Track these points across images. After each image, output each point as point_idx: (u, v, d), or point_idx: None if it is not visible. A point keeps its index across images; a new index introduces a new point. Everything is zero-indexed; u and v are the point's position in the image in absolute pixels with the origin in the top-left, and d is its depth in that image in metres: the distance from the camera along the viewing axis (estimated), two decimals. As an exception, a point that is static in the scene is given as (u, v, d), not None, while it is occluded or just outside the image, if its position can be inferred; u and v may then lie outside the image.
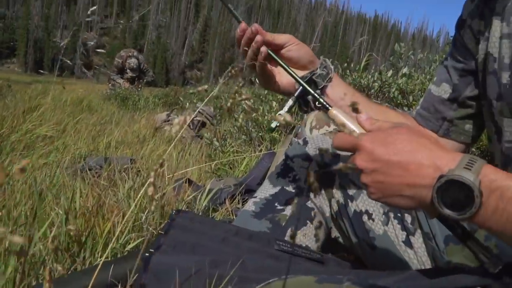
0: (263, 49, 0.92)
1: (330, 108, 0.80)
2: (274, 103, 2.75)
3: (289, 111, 0.96)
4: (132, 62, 9.59)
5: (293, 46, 0.97)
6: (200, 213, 1.41)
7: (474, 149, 1.91)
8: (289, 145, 1.71)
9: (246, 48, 0.94)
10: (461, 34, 1.00)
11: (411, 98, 2.32)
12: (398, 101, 2.39)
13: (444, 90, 1.04)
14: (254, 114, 2.55)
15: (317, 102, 0.88)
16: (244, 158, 2.41)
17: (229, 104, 0.68)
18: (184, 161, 2.49)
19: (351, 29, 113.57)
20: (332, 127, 1.69)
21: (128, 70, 9.50)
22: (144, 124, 4.16)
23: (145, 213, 1.13)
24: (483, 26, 0.93)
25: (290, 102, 0.96)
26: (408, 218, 1.03)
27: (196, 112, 4.41)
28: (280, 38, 0.96)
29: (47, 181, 1.41)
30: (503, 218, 0.58)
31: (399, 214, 1.05)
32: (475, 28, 0.95)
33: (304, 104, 0.99)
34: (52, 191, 1.33)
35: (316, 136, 1.22)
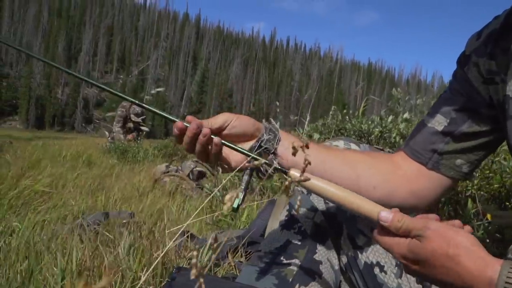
0: (216, 140, 0.86)
1: (287, 171, 0.77)
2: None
3: (247, 186, 0.91)
4: (137, 108, 9.70)
5: (233, 122, 0.91)
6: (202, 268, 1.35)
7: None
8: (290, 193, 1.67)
9: (193, 144, 0.88)
10: (464, 70, 0.97)
11: (412, 142, 2.30)
12: (400, 145, 2.38)
13: (438, 122, 0.99)
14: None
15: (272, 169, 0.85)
16: (245, 208, 2.36)
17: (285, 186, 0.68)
18: (185, 213, 2.44)
19: (346, 77, 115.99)
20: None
21: (132, 116, 9.56)
22: (144, 176, 4.13)
23: (145, 272, 1.07)
24: (494, 67, 0.90)
25: (245, 177, 0.91)
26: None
27: (195, 162, 4.40)
28: (217, 121, 0.91)
29: (44, 240, 1.36)
30: None
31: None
32: (484, 67, 0.92)
33: (261, 173, 0.95)
34: (49, 249, 1.28)
35: (320, 184, 1.18)
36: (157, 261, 0.93)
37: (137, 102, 0.85)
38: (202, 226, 2.20)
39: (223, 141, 0.86)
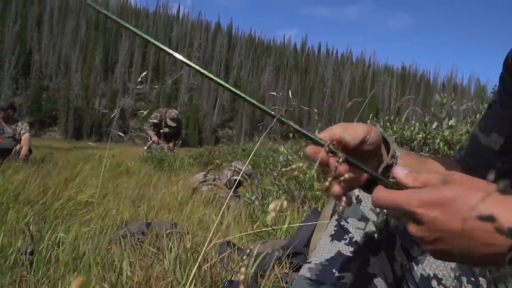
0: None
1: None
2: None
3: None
4: (173, 112, 9.84)
5: (371, 137, 0.74)
6: (249, 281, 1.33)
7: None
8: (336, 203, 1.63)
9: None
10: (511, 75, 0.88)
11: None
12: (444, 152, 2.29)
13: (494, 142, 0.92)
14: (296, 172, 2.48)
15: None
16: (286, 217, 2.33)
17: (327, 183, 0.63)
18: (225, 222, 2.43)
19: (379, 81, 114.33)
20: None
21: (168, 120, 9.69)
22: (181, 185, 4.16)
23: (193, 284, 1.06)
24: None
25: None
26: (483, 282, 0.93)
27: (232, 171, 4.41)
28: (357, 135, 0.72)
29: (91, 251, 1.37)
30: None
31: (472, 279, 0.94)
32: None
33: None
34: (96, 261, 1.29)
35: (369, 193, 1.14)
36: (206, 273, 0.92)
37: (281, 118, 0.66)
38: (242, 235, 2.18)
39: (347, 157, 0.67)
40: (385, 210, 1.05)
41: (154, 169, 7.03)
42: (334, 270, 1.04)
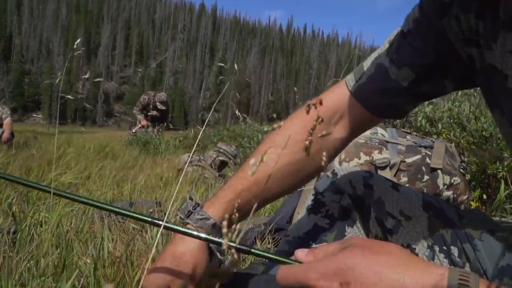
0: None
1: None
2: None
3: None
4: (163, 95, 9.80)
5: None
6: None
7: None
8: (316, 179, 1.66)
9: None
10: (442, 22, 0.75)
11: (440, 126, 2.26)
12: (426, 130, 2.33)
13: (404, 77, 0.83)
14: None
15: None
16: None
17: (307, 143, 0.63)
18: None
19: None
20: (363, 159, 1.65)
21: (158, 104, 9.65)
22: (166, 167, 4.16)
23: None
24: (482, 28, 0.69)
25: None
26: (454, 250, 0.96)
27: (217, 152, 4.42)
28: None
29: (74, 229, 1.39)
30: None
31: (444, 248, 0.97)
32: (467, 24, 0.71)
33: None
34: (79, 238, 1.30)
35: (344, 167, 1.16)
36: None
37: None
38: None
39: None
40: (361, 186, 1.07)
41: (140, 152, 7.01)
42: (311, 242, 1.07)
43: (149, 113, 9.78)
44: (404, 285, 0.49)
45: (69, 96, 2.23)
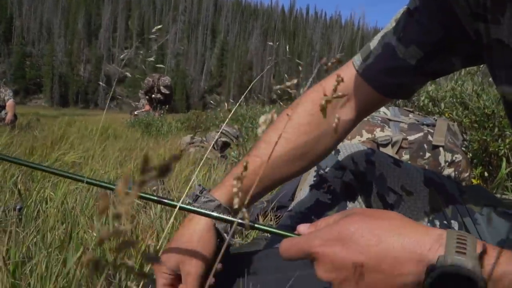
0: None
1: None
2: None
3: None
4: (167, 80, 9.82)
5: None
6: (234, 231, 1.38)
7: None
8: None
9: None
10: None
11: (442, 105, 2.25)
12: (429, 109, 2.33)
13: (412, 55, 0.82)
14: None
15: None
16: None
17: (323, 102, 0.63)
18: (211, 181, 2.47)
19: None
20: (365, 136, 1.65)
21: (162, 88, 9.68)
22: (169, 147, 4.18)
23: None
24: (489, 2, 0.67)
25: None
26: (455, 224, 0.98)
27: (219, 133, 4.43)
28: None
29: (79, 205, 1.41)
30: None
31: (445, 222, 0.99)
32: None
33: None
34: (85, 214, 1.32)
35: (347, 144, 1.17)
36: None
37: None
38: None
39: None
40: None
41: (142, 133, 7.03)
42: (313, 217, 1.08)
43: (153, 96, 9.79)
44: (403, 245, 0.50)
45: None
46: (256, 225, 0.66)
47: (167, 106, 9.94)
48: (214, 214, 0.71)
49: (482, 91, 1.90)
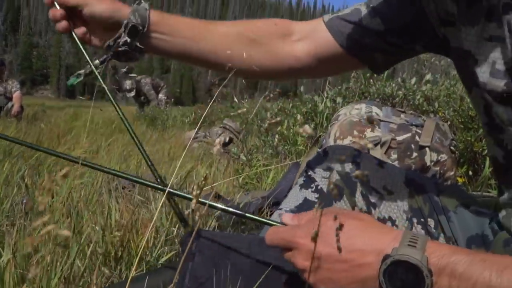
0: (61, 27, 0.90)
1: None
2: (298, 116, 2.80)
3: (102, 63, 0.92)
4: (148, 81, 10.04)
5: (88, 7, 0.89)
6: (230, 227, 1.45)
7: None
8: (308, 156, 1.74)
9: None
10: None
11: (436, 104, 2.31)
12: (424, 108, 2.39)
13: (373, 25, 0.89)
14: (279, 128, 2.58)
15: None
16: (271, 170, 2.45)
17: (266, 125, 0.73)
18: (213, 176, 2.55)
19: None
20: (356, 136, 1.72)
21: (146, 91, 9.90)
22: (173, 142, 4.26)
23: (177, 227, 1.18)
24: (455, 10, 0.76)
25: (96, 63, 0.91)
26: (431, 222, 1.04)
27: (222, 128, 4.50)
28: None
29: (83, 200, 1.48)
30: None
31: (422, 219, 1.06)
32: (443, 6, 0.79)
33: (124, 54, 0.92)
34: (88, 208, 1.40)
35: (335, 146, 1.24)
36: (188, 218, 1.03)
37: None
38: (230, 189, 2.29)
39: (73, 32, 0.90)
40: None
41: (147, 127, 7.11)
42: (301, 215, 1.15)
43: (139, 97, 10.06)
44: (367, 241, 0.60)
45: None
46: (246, 215, 0.74)
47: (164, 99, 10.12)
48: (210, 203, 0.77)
49: (466, 93, 1.96)
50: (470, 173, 1.83)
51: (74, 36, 0.89)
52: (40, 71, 76.40)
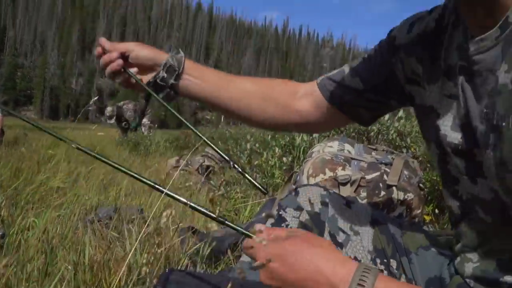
0: (116, 65, 1.06)
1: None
2: (277, 149, 2.86)
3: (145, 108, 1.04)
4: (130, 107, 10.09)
5: (133, 53, 1.07)
6: (203, 263, 1.47)
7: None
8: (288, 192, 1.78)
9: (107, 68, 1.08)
10: (392, 60, 0.93)
11: (408, 140, 2.40)
12: (397, 143, 2.47)
13: (354, 85, 1.00)
14: (257, 161, 2.63)
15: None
16: (249, 205, 2.48)
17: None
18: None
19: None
20: (328, 175, 1.78)
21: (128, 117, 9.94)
22: (155, 170, 4.27)
23: (149, 266, 1.20)
24: (420, 70, 0.87)
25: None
26: (393, 263, 1.09)
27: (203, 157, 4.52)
28: (120, 46, 1.08)
29: (58, 235, 1.49)
30: None
31: (385, 260, 1.10)
32: (409, 67, 0.90)
33: (161, 90, 1.08)
34: (63, 244, 1.41)
35: (306, 187, 1.29)
36: (162, 256, 1.06)
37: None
38: (207, 221, 2.31)
39: (125, 68, 1.07)
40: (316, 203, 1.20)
41: (130, 152, 7.09)
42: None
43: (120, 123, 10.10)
44: (323, 272, 0.67)
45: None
46: (226, 222, 0.80)
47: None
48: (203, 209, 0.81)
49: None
50: (437, 211, 1.90)
51: (129, 71, 1.05)
52: (23, 91, 75.69)
